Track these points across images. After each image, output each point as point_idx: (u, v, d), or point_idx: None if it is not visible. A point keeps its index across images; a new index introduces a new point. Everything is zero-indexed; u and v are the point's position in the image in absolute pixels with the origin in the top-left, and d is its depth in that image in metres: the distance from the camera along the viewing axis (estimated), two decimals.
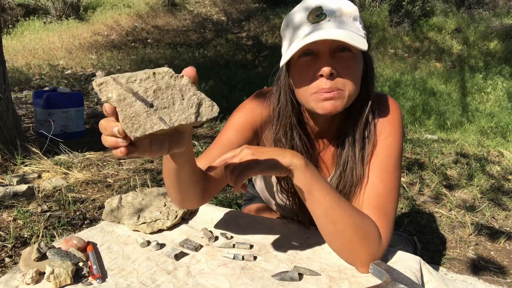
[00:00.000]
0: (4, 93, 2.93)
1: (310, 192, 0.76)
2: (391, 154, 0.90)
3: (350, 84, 0.80)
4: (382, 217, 0.82)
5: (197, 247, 0.85)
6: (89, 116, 4.59)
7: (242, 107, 0.97)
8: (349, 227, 0.77)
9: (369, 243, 0.78)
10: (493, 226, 2.28)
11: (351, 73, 0.80)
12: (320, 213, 0.78)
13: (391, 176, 0.88)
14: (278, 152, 0.75)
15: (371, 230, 0.79)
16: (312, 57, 0.81)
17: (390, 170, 0.88)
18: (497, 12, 8.82)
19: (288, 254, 0.84)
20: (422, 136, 4.07)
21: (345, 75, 0.79)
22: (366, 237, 0.78)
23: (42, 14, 10.39)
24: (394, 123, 0.92)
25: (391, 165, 0.88)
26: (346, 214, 0.77)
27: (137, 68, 7.61)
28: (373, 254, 0.78)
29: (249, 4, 11.64)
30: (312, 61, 0.81)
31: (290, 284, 0.74)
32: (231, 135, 0.92)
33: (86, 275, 0.74)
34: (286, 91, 0.90)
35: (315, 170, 0.78)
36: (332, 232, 0.79)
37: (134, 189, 2.41)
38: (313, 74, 0.80)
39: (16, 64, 7.49)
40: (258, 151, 0.74)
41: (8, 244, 1.82)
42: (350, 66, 0.80)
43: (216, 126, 4.28)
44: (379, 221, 0.81)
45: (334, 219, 0.77)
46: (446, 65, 7.11)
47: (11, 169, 2.78)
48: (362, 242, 0.77)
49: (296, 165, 0.75)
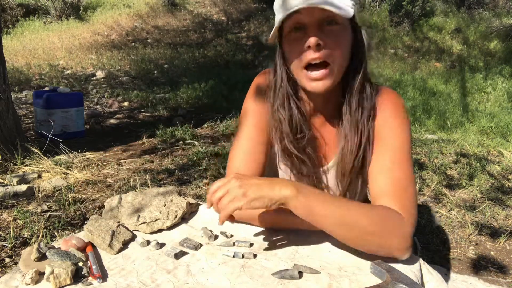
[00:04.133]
0: (4, 93, 2.93)
1: (312, 213, 0.76)
2: (403, 138, 0.88)
3: (338, 56, 0.82)
4: (403, 201, 0.82)
5: (197, 246, 0.85)
6: (89, 116, 4.59)
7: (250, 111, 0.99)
8: (366, 226, 0.77)
9: (394, 230, 0.78)
10: (493, 226, 2.28)
11: (338, 45, 0.82)
12: (332, 227, 0.78)
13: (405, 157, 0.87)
14: (267, 184, 0.76)
15: (389, 218, 0.79)
16: (301, 32, 0.83)
17: (404, 153, 0.87)
18: (497, 12, 8.82)
19: (288, 252, 0.84)
20: (422, 136, 4.07)
21: (333, 46, 0.81)
22: (388, 226, 0.77)
23: (42, 14, 10.40)
24: (397, 106, 0.91)
25: (404, 149, 0.87)
26: (358, 216, 0.77)
27: (137, 68, 7.61)
28: (402, 236, 0.78)
29: (249, 4, 11.64)
30: (301, 36, 0.83)
31: (290, 282, 0.74)
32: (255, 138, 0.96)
33: (86, 275, 0.74)
34: (280, 65, 0.93)
35: (307, 189, 0.78)
36: (353, 238, 0.78)
37: (134, 189, 2.41)
38: (302, 47, 0.82)
39: (16, 64, 7.49)
40: (246, 183, 0.75)
41: (8, 244, 1.82)
42: (338, 38, 0.82)
43: (216, 126, 4.28)
44: (401, 206, 0.81)
45: (349, 226, 0.77)
46: (446, 65, 7.12)
47: (11, 169, 2.77)
48: (387, 234, 0.77)
49: (287, 196, 0.75)
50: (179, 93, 5.79)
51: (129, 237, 0.88)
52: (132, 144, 3.64)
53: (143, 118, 4.80)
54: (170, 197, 1.03)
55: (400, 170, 0.85)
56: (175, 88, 6.17)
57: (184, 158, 3.19)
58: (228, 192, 0.75)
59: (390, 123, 0.89)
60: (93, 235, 0.85)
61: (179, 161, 3.14)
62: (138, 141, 3.73)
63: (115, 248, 0.83)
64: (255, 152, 0.96)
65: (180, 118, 4.62)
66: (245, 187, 0.74)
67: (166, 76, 7.19)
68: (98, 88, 6.32)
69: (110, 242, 0.83)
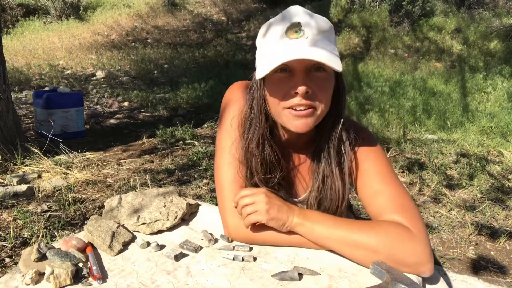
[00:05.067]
0: (4, 93, 2.93)
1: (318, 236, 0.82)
2: (383, 163, 0.92)
3: (323, 103, 0.82)
4: (405, 212, 0.83)
5: (197, 249, 0.85)
6: (89, 116, 4.59)
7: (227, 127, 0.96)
8: (371, 244, 0.77)
9: (402, 244, 0.77)
10: (493, 226, 2.28)
11: (324, 92, 0.82)
12: (337, 248, 0.81)
13: (392, 177, 0.90)
14: (285, 210, 0.83)
15: (398, 233, 0.79)
16: (287, 73, 0.81)
17: (389, 174, 0.90)
18: (497, 12, 8.81)
19: (287, 255, 0.84)
20: (422, 136, 4.07)
21: (319, 93, 0.81)
22: (395, 242, 0.77)
23: (42, 14, 10.40)
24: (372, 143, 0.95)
25: (388, 171, 0.91)
26: (361, 235, 0.79)
27: (137, 68, 7.61)
28: (414, 251, 0.77)
29: (249, 4, 11.64)
30: (287, 78, 0.81)
31: (290, 283, 0.74)
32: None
33: (86, 275, 0.74)
34: (259, 102, 0.89)
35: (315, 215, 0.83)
36: (360, 257, 0.79)
37: (134, 189, 2.41)
38: (288, 90, 0.81)
39: (16, 64, 7.49)
40: (271, 202, 0.83)
41: (8, 244, 1.82)
42: (324, 85, 0.82)
43: (216, 126, 4.28)
44: (405, 217, 0.82)
45: (353, 246, 0.79)
46: (446, 65, 7.11)
47: (11, 169, 2.77)
48: (396, 250, 0.77)
49: (297, 223, 0.83)
50: (179, 93, 5.79)
51: (129, 238, 0.88)
52: (132, 144, 3.64)
53: (143, 118, 4.80)
54: (170, 198, 1.03)
55: (393, 189, 0.88)
56: (175, 88, 6.17)
57: (184, 158, 3.19)
58: (254, 203, 0.83)
59: (366, 157, 0.93)
60: (93, 236, 0.85)
61: (179, 161, 3.14)
62: (138, 141, 3.73)
63: (115, 250, 0.83)
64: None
65: (180, 118, 4.61)
66: (269, 205, 0.82)
67: (166, 76, 7.19)
68: (98, 88, 6.32)
69: (110, 243, 0.83)
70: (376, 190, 0.88)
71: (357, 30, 8.65)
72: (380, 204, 0.86)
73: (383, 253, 0.77)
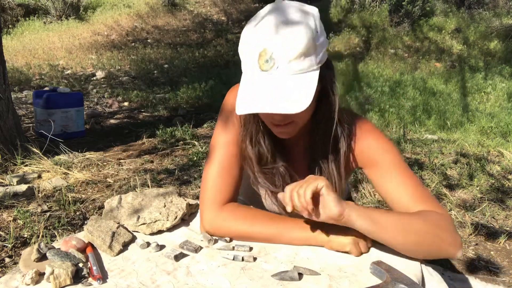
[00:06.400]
0: (4, 93, 2.93)
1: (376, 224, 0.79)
2: (395, 154, 0.94)
3: (301, 118, 0.84)
4: (429, 202, 0.88)
5: (197, 249, 0.85)
6: (89, 116, 4.59)
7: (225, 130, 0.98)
8: (420, 228, 0.81)
9: (444, 227, 0.82)
10: (493, 226, 2.28)
11: (302, 118, 0.85)
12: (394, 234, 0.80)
13: (406, 168, 0.93)
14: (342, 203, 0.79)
15: (434, 217, 0.83)
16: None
17: (403, 165, 0.93)
18: (497, 12, 8.81)
19: (287, 255, 0.84)
20: (422, 136, 4.07)
21: (295, 117, 0.82)
22: (438, 225, 0.82)
23: (42, 14, 10.39)
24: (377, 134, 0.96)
25: (401, 162, 0.94)
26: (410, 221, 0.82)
27: (137, 68, 7.61)
28: (453, 231, 0.83)
29: (249, 4, 11.64)
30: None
31: (290, 283, 0.74)
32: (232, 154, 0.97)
33: (86, 276, 0.74)
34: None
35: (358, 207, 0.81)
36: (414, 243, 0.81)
37: (134, 189, 2.41)
38: (267, 115, 0.84)
39: (16, 64, 7.49)
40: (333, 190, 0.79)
41: (8, 244, 1.82)
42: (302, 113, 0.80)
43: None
44: (431, 206, 0.87)
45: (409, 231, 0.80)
46: (446, 65, 7.11)
47: (11, 169, 2.78)
48: (440, 232, 0.82)
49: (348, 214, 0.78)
50: (179, 93, 5.79)
51: (129, 238, 0.88)
52: (132, 144, 3.64)
53: (143, 118, 4.80)
54: (170, 198, 1.03)
55: (412, 181, 0.91)
56: (175, 88, 6.17)
57: (184, 158, 3.20)
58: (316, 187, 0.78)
59: (376, 147, 0.94)
60: (93, 236, 0.85)
61: (179, 161, 3.14)
62: (138, 141, 3.73)
63: (115, 250, 0.83)
64: (231, 167, 0.96)
65: (180, 118, 4.61)
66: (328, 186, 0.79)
67: (166, 76, 7.19)
68: (98, 88, 6.31)
69: (110, 244, 0.83)
70: (399, 185, 0.90)
71: (357, 30, 8.65)
72: (407, 199, 0.89)
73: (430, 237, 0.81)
